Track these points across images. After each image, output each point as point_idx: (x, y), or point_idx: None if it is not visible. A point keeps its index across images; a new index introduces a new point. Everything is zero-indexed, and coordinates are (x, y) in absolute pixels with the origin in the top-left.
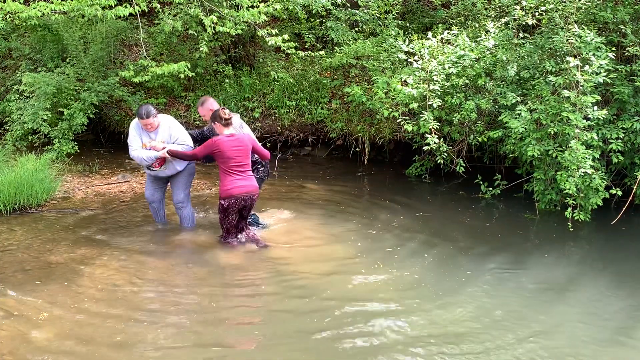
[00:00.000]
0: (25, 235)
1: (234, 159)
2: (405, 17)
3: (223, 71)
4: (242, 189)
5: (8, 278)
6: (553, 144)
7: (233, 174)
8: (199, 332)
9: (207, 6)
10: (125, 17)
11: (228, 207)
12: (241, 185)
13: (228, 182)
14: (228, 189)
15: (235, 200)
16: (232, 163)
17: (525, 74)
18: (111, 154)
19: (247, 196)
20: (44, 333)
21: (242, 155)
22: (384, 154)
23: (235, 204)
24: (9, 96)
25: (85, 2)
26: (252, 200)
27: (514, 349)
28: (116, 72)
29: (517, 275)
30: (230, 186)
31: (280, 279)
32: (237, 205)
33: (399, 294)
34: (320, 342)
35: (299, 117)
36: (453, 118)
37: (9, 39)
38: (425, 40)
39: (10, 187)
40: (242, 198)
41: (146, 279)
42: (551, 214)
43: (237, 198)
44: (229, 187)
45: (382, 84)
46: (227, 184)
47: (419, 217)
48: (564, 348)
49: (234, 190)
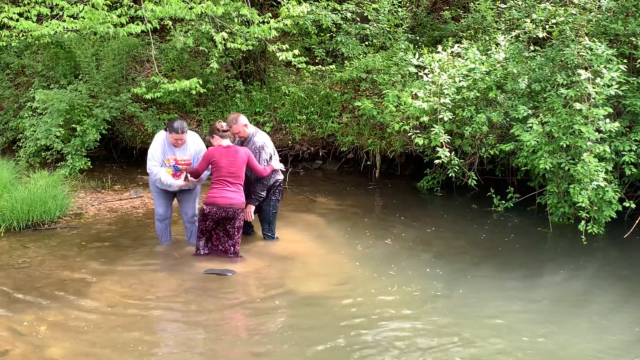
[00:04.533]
0: (38, 251)
1: (226, 169)
2: (415, 30)
3: (234, 86)
4: (227, 200)
5: (21, 295)
6: (565, 157)
7: (222, 184)
8: (212, 349)
9: (218, 23)
10: (137, 34)
11: (208, 214)
12: (227, 196)
13: (216, 191)
14: (213, 196)
15: (217, 209)
16: (224, 172)
17: (537, 87)
18: (123, 169)
19: (230, 208)
20: (57, 350)
21: (235, 167)
22: (395, 167)
23: (216, 212)
24: (22, 113)
25: (97, 20)
26: (234, 212)
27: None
28: (128, 89)
29: (531, 288)
30: (217, 195)
31: (291, 294)
32: (217, 215)
33: (410, 308)
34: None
35: (309, 131)
36: (464, 131)
37: (22, 57)
38: (435, 54)
39: (24, 204)
40: (224, 208)
41: (158, 296)
42: (564, 227)
43: (220, 207)
44: (214, 195)
45: (393, 97)
46: (214, 192)
47: (431, 231)
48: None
49: (219, 200)
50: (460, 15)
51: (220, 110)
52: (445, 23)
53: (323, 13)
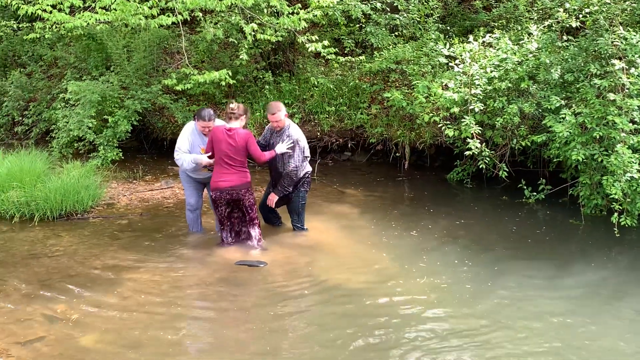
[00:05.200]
0: (71, 241)
1: (224, 152)
2: (445, 20)
3: (263, 78)
4: (226, 183)
5: (55, 284)
6: (598, 148)
7: (222, 166)
8: (241, 339)
9: (248, 14)
10: (167, 25)
11: (215, 200)
12: (226, 179)
13: (216, 174)
14: (214, 180)
15: (220, 193)
16: (222, 154)
17: (570, 77)
18: (154, 160)
19: (232, 190)
20: (90, 337)
21: (234, 150)
22: (425, 159)
23: (220, 196)
24: (55, 104)
25: (129, 11)
26: (237, 194)
27: (558, 355)
28: (159, 80)
29: (562, 282)
30: (217, 179)
31: (320, 285)
32: (223, 199)
33: (438, 301)
34: (363, 346)
35: (338, 123)
36: (495, 122)
37: (55, 49)
38: (466, 44)
39: (57, 194)
40: (227, 191)
41: (189, 285)
42: (597, 219)
43: (222, 191)
44: (216, 179)
45: (423, 88)
46: (215, 176)
47: (461, 223)
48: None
49: (220, 183)
50: (492, 4)
51: (249, 102)
52: (477, 12)
53: (352, 3)
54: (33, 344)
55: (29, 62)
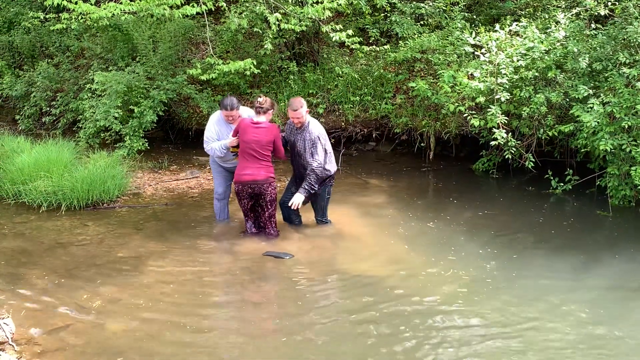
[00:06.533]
0: (98, 230)
1: (250, 145)
2: (471, 9)
3: (287, 67)
4: (249, 176)
5: (81, 272)
6: (627, 138)
7: (246, 159)
8: (265, 328)
9: (272, 3)
10: (192, 15)
11: (238, 192)
12: (249, 173)
13: (240, 166)
14: (239, 173)
15: (242, 187)
16: (247, 147)
17: (598, 66)
18: (180, 150)
19: (254, 184)
20: (116, 326)
21: (259, 144)
22: (450, 149)
23: (242, 190)
24: (82, 95)
25: (154, 2)
26: (259, 188)
27: (584, 347)
28: (184, 70)
29: (589, 274)
30: (241, 172)
31: (345, 275)
32: (244, 192)
33: (463, 291)
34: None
35: (363, 113)
36: (522, 112)
37: (82, 39)
38: (492, 33)
39: (84, 184)
40: (248, 185)
41: (213, 274)
42: (625, 210)
43: (244, 184)
44: (239, 172)
45: (448, 77)
46: (239, 169)
47: (486, 214)
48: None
49: (243, 177)
50: None
51: (274, 92)
52: (503, 1)
53: None
54: (59, 332)
55: (57, 53)
